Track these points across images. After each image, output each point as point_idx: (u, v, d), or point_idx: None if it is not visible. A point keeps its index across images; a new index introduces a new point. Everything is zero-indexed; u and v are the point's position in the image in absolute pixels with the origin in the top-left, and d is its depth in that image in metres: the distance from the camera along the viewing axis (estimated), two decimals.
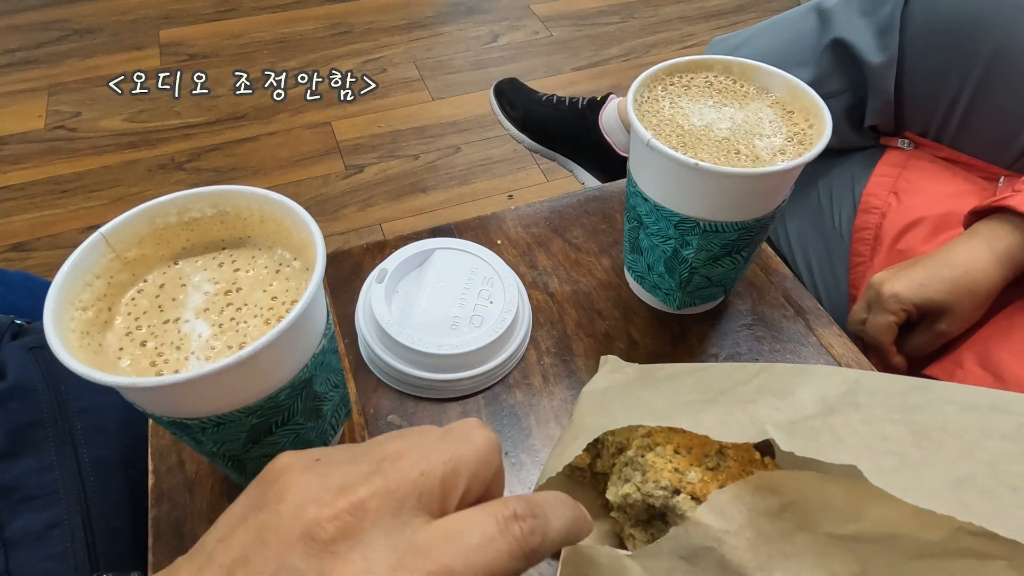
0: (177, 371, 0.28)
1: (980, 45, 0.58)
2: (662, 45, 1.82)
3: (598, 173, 1.00)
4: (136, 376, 0.26)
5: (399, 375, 0.42)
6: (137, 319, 0.30)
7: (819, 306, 0.48)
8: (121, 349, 0.28)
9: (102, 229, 0.30)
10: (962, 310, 0.53)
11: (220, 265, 0.32)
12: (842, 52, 0.66)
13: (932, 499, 0.22)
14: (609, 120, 0.95)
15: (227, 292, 0.31)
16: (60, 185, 1.38)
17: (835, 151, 0.72)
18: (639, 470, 0.30)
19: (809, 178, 0.73)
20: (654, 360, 0.45)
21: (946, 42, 0.60)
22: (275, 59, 1.73)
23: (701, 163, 0.36)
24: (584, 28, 1.88)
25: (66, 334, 0.27)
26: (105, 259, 0.30)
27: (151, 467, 0.39)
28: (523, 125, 1.03)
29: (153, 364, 0.28)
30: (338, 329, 0.46)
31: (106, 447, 0.43)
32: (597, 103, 0.97)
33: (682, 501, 0.29)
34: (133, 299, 0.30)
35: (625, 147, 0.95)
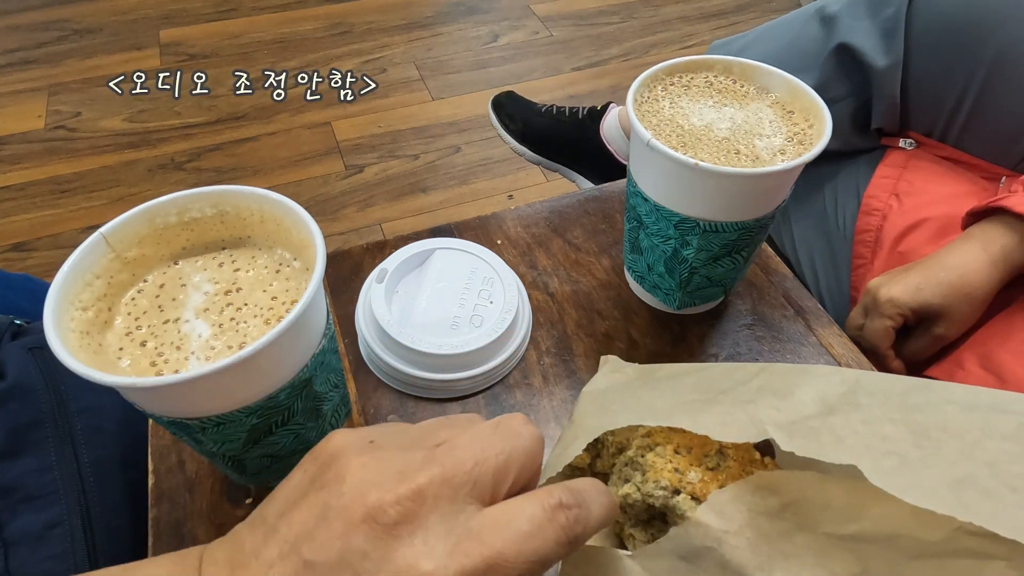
0: (177, 371, 0.28)
1: (984, 45, 0.58)
2: (662, 45, 1.83)
3: (600, 182, 1.00)
4: (136, 376, 0.26)
5: (399, 375, 0.42)
6: (137, 319, 0.30)
7: (819, 306, 0.48)
8: (121, 349, 0.28)
9: (102, 229, 0.30)
10: (959, 313, 0.53)
11: (220, 265, 0.32)
12: (846, 57, 0.65)
13: (932, 499, 0.22)
14: (610, 129, 0.95)
15: (227, 292, 0.31)
16: (60, 185, 1.38)
17: (840, 154, 0.71)
18: (639, 470, 0.30)
19: (814, 182, 0.72)
20: (654, 360, 0.45)
21: (950, 42, 0.60)
22: (275, 59, 1.73)
23: (701, 163, 0.36)
24: (584, 28, 1.88)
25: (66, 334, 0.27)
26: (105, 259, 0.30)
27: (151, 467, 0.39)
28: (523, 137, 1.03)
29: (153, 364, 0.28)
30: (338, 329, 0.46)
31: (106, 447, 0.43)
32: (597, 112, 0.97)
33: (682, 501, 0.28)
34: (133, 299, 0.30)
35: (626, 155, 0.95)
